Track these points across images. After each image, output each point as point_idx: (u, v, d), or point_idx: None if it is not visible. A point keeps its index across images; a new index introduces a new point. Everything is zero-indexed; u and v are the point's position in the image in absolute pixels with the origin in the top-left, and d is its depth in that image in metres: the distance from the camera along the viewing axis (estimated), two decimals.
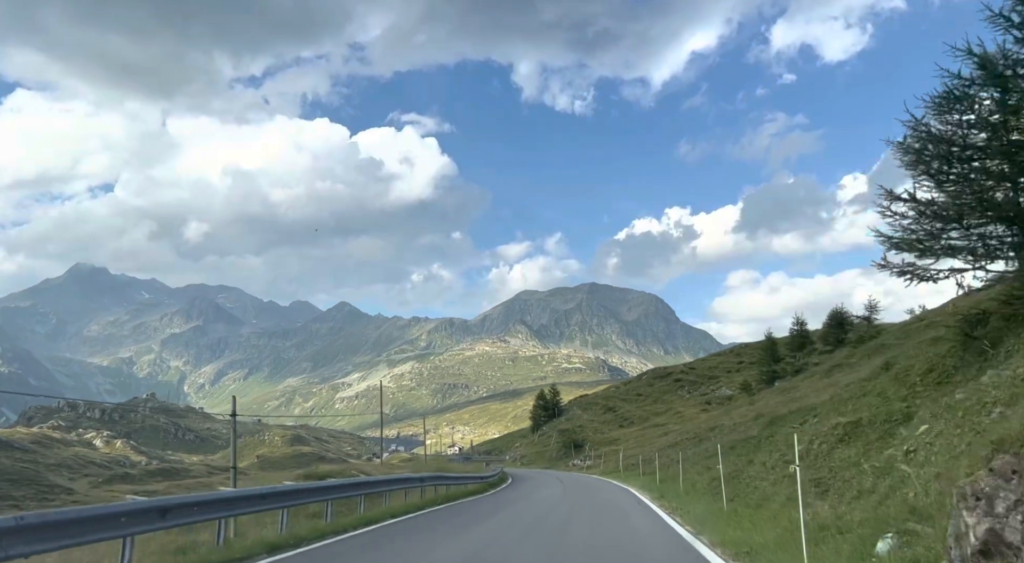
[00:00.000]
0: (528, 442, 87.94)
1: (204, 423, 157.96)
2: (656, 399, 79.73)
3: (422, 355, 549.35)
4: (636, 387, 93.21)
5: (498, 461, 79.82)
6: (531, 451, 77.46)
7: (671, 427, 55.75)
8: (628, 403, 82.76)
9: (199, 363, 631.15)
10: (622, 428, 70.71)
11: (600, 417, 79.12)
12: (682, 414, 64.89)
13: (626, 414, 77.14)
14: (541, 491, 26.74)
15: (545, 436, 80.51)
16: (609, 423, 75.15)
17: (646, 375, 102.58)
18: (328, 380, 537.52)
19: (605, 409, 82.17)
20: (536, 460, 70.15)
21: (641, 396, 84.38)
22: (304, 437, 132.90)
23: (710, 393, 71.65)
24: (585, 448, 62.17)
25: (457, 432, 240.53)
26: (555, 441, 72.01)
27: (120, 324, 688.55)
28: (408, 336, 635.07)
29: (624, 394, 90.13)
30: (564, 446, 66.71)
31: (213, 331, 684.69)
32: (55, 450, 66.96)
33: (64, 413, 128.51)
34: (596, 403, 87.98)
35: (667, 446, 38.63)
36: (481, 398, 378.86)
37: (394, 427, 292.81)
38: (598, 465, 50.66)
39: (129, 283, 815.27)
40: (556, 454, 67.43)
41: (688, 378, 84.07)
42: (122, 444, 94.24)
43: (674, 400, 75.71)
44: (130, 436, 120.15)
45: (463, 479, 28.37)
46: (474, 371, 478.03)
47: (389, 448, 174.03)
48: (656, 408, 75.02)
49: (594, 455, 56.18)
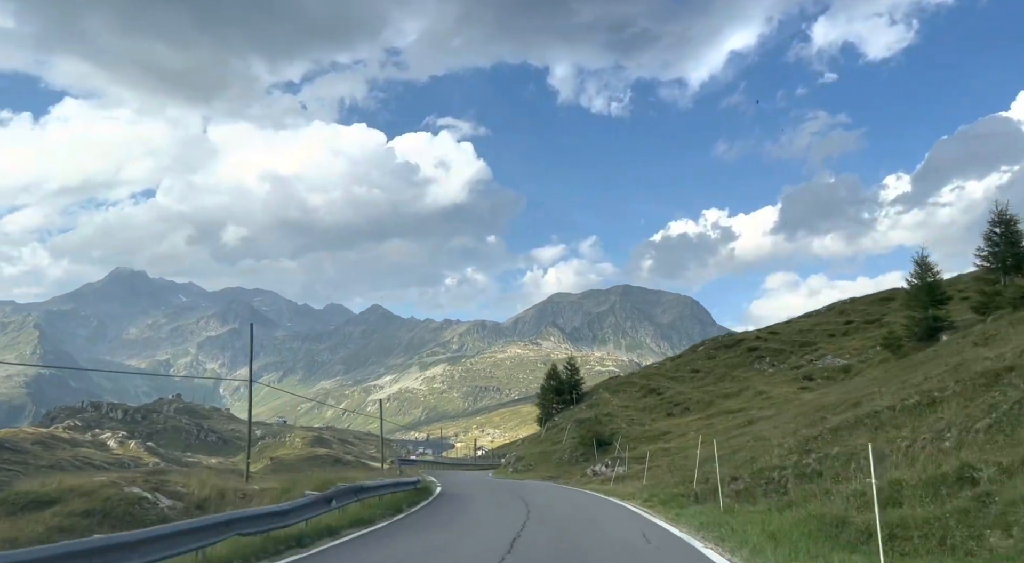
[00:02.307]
0: (533, 440, 67.75)
1: (228, 425, 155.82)
2: (722, 376, 58.02)
3: (454, 358, 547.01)
4: (690, 361, 68.98)
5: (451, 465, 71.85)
6: (534, 452, 56.50)
7: (756, 413, 38.71)
8: (679, 382, 60.85)
9: (235, 365, 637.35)
10: (672, 417, 50.14)
11: (638, 402, 58.04)
12: (769, 395, 45.45)
13: (677, 397, 55.28)
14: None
15: (557, 430, 59.47)
16: (652, 410, 54.26)
17: (704, 345, 74.48)
18: (361, 383, 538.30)
19: (646, 391, 60.76)
20: (539, 465, 49.87)
21: (698, 373, 61.97)
22: (327, 439, 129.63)
23: (807, 364, 52.05)
24: (615, 446, 42.35)
25: (487, 435, 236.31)
26: (569, 437, 51.72)
27: (158, 327, 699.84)
28: (440, 339, 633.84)
29: (673, 371, 66.85)
30: (583, 444, 46.57)
31: (248, 334, 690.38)
32: (57, 451, 63.85)
33: (87, 413, 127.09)
34: (632, 383, 66.12)
35: (755, 441, 24.37)
36: (512, 401, 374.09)
37: (424, 430, 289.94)
38: (635, 474, 31.12)
39: (167, 287, 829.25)
40: (570, 456, 47.47)
41: (768, 346, 61.49)
42: (136, 445, 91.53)
43: (751, 376, 54.69)
44: (151, 437, 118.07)
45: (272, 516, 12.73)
46: (506, 374, 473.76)
47: (417, 450, 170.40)
48: (724, 388, 53.71)
49: (628, 458, 37.16)
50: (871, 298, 69.69)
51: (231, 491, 22.87)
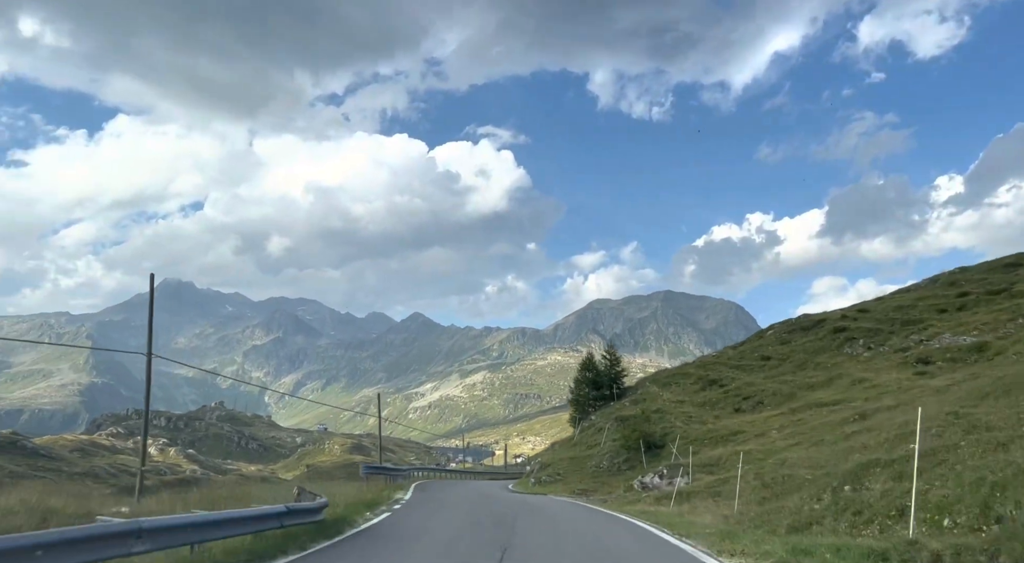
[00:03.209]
0: (564, 445, 58.55)
1: (269, 432, 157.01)
2: (802, 363, 47.79)
3: (494, 365, 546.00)
4: (757, 347, 57.99)
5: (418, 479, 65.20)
6: (564, 458, 47.29)
7: (865, 405, 29.61)
8: (746, 372, 50.21)
9: (279, 374, 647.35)
10: (741, 413, 40.84)
11: (695, 395, 48.26)
12: (874, 383, 36.20)
13: (746, 389, 45.22)
14: None
15: (593, 431, 49.49)
16: (714, 405, 44.63)
17: (773, 329, 62.74)
18: (402, 390, 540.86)
19: (704, 383, 50.66)
20: (570, 474, 41.10)
21: (769, 360, 51.30)
22: (365, 446, 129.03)
23: (917, 345, 42.13)
24: (669, 450, 34.04)
25: (528, 442, 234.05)
26: (609, 438, 42.65)
27: (205, 337, 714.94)
28: (480, 346, 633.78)
29: (736, 360, 55.69)
30: (626, 447, 37.75)
31: (292, 343, 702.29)
32: (94, 459, 64.00)
33: (131, 420, 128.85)
34: (687, 375, 55.49)
35: (892, 440, 17.29)
36: (553, 408, 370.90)
37: (465, 437, 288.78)
38: (707, 489, 23.30)
39: (214, 297, 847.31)
40: (610, 463, 38.97)
41: (860, 326, 50.67)
42: (175, 452, 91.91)
43: (841, 362, 44.91)
44: (193, 444, 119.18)
45: None
46: (546, 381, 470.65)
47: (457, 458, 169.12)
48: (807, 376, 43.74)
49: (691, 467, 27.55)
50: (988, 266, 60.93)
51: None
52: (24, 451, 51.88)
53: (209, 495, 17.96)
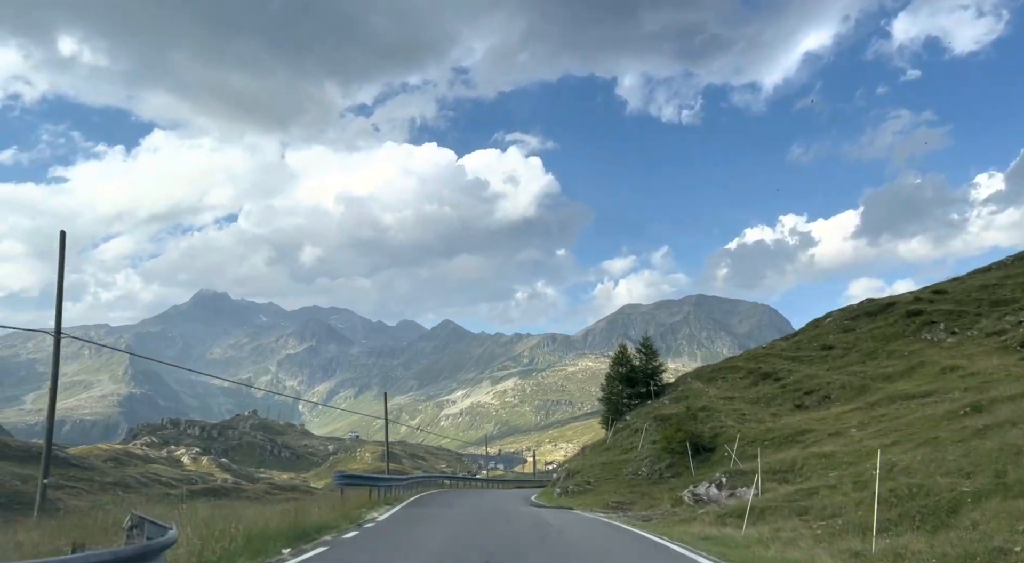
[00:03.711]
0: (596, 449, 52.06)
1: (302, 440, 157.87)
2: (872, 352, 41.77)
3: (525, 371, 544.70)
4: (814, 337, 51.46)
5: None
6: (595, 464, 40.49)
7: (968, 396, 25.43)
8: (805, 364, 44.35)
9: (313, 382, 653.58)
10: (804, 410, 35.19)
11: (746, 391, 42.55)
12: (969, 370, 31.38)
13: (807, 382, 39.19)
14: None
15: (629, 432, 43.63)
16: (771, 401, 38.84)
17: (831, 317, 55.69)
18: (433, 398, 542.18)
19: (756, 376, 44.80)
20: (602, 482, 35.05)
21: (832, 350, 45.14)
22: (396, 454, 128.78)
23: (1015, 328, 36.85)
24: (722, 454, 29.54)
25: (559, 449, 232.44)
26: (648, 440, 37.49)
27: (240, 346, 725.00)
28: (511, 353, 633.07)
29: (792, 351, 49.37)
30: (669, 450, 32.30)
31: (325, 351, 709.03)
32: (127, 468, 64.41)
33: (166, 430, 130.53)
34: (735, 368, 49.30)
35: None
36: (585, 414, 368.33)
37: (496, 444, 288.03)
38: (787, 504, 17.64)
39: (248, 307, 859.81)
40: (650, 469, 33.24)
41: (938, 308, 44.79)
42: (208, 461, 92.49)
43: (920, 348, 39.34)
44: (226, 453, 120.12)
45: None
46: (577, 387, 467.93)
47: (488, 465, 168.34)
48: (882, 366, 38.00)
49: (760, 475, 20.66)
50: None
51: None
52: (57, 461, 52.17)
53: None
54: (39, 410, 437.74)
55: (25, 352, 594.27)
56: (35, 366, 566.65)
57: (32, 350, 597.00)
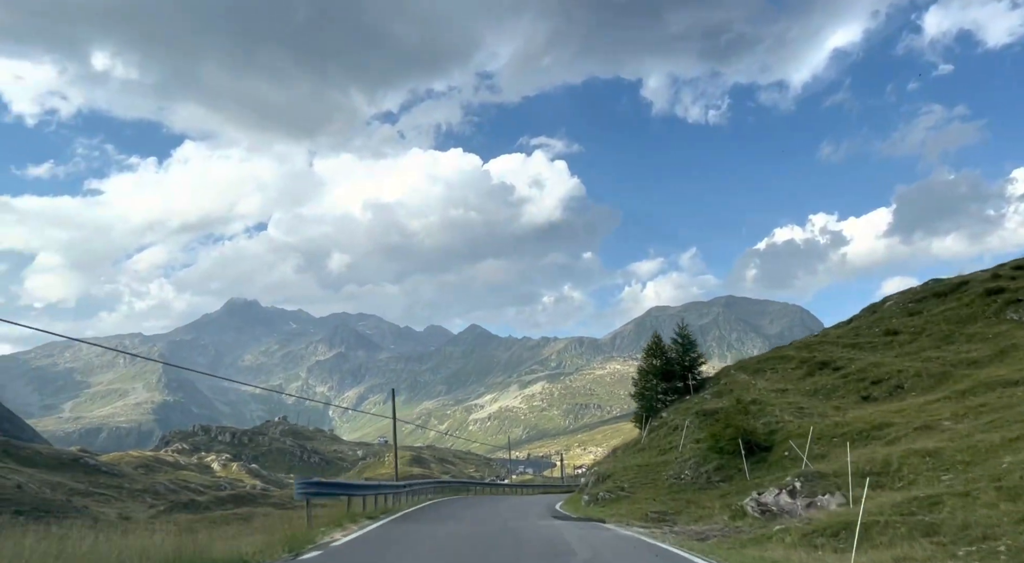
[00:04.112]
0: (630, 449, 45.21)
1: (331, 445, 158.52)
2: (947, 336, 37.83)
3: (553, 375, 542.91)
4: (875, 322, 46.80)
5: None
6: (630, 466, 34.80)
7: None
8: (867, 351, 39.58)
9: (342, 388, 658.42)
10: (872, 401, 31.22)
11: (801, 382, 37.90)
12: None
13: (872, 371, 34.68)
14: None
15: (667, 430, 38.93)
16: (831, 393, 34.46)
17: (892, 300, 51.04)
18: (462, 402, 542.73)
19: (811, 366, 39.85)
20: (639, 488, 29.84)
21: (897, 336, 40.41)
22: (425, 458, 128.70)
23: None
24: (782, 455, 25.67)
25: (589, 453, 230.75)
26: (690, 439, 33.37)
27: (270, 353, 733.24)
28: (538, 356, 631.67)
29: (850, 337, 44.70)
30: (717, 450, 28.01)
31: (354, 357, 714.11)
32: (157, 475, 64.82)
33: (197, 436, 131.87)
34: (786, 358, 44.35)
35: None
36: (614, 417, 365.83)
37: (525, 448, 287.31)
38: (897, 520, 12.62)
39: (278, 315, 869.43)
40: (695, 473, 28.49)
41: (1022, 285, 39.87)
42: (238, 467, 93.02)
43: (1010, 330, 35.08)
44: (256, 459, 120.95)
45: None
46: (606, 390, 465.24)
47: (517, 469, 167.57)
48: (963, 351, 34.15)
49: (851, 479, 15.86)
50: None
51: None
52: (87, 468, 52.69)
53: None
54: (77, 418, 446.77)
55: (63, 362, 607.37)
56: (72, 375, 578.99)
57: (69, 359, 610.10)
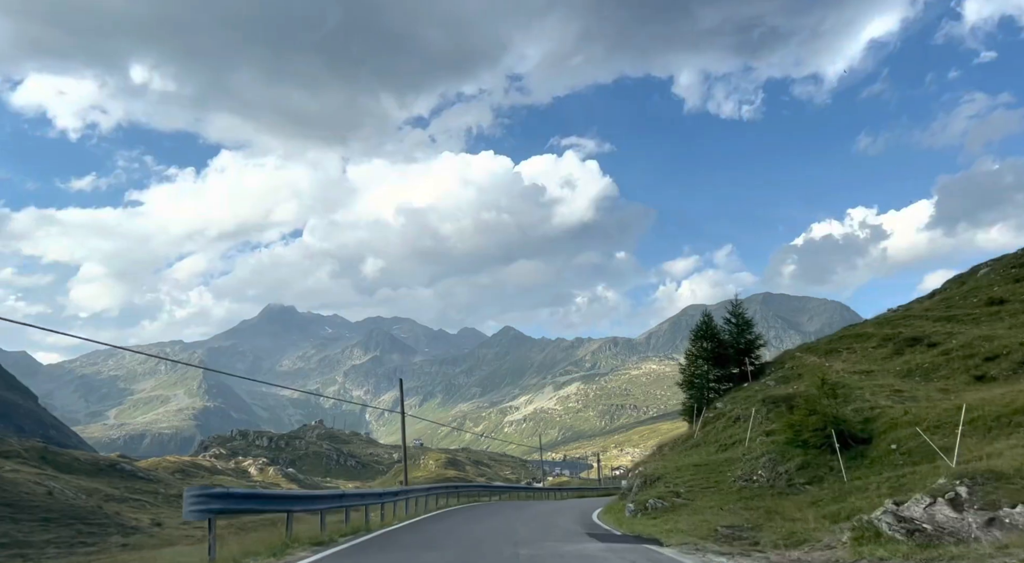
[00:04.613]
0: (678, 445, 37.72)
1: (367, 449, 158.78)
2: None
3: (588, 376, 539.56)
4: (970, 291, 41.84)
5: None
6: (684, 466, 27.29)
7: None
8: (970, 324, 33.72)
9: (378, 391, 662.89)
10: (990, 382, 24.73)
11: (888, 362, 31.96)
12: None
13: (983, 345, 28.42)
14: None
15: (725, 422, 32.71)
16: (928, 373, 28.61)
17: (990, 265, 46.25)
18: (496, 404, 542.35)
19: (898, 343, 33.87)
20: (699, 493, 22.55)
21: (1003, 305, 35.47)
22: (460, 461, 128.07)
23: None
24: (885, 447, 19.37)
25: (626, 454, 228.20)
26: (758, 431, 27.43)
27: (307, 358, 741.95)
28: (573, 357, 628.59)
29: (941, 310, 39.61)
30: (799, 444, 21.55)
31: (389, 361, 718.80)
32: (192, 480, 64.98)
33: (235, 441, 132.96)
34: (862, 336, 38.54)
35: None
36: (651, 418, 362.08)
37: (561, 450, 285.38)
38: None
39: (314, 320, 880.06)
40: (771, 473, 21.77)
41: None
42: (275, 471, 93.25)
43: None
44: (293, 463, 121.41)
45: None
46: (642, 391, 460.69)
47: (553, 471, 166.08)
48: None
49: (1012, 475, 10.79)
50: None
51: None
52: (124, 474, 52.83)
53: None
54: (121, 425, 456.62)
55: (107, 369, 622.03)
56: (116, 383, 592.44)
57: (113, 367, 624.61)
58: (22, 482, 34.92)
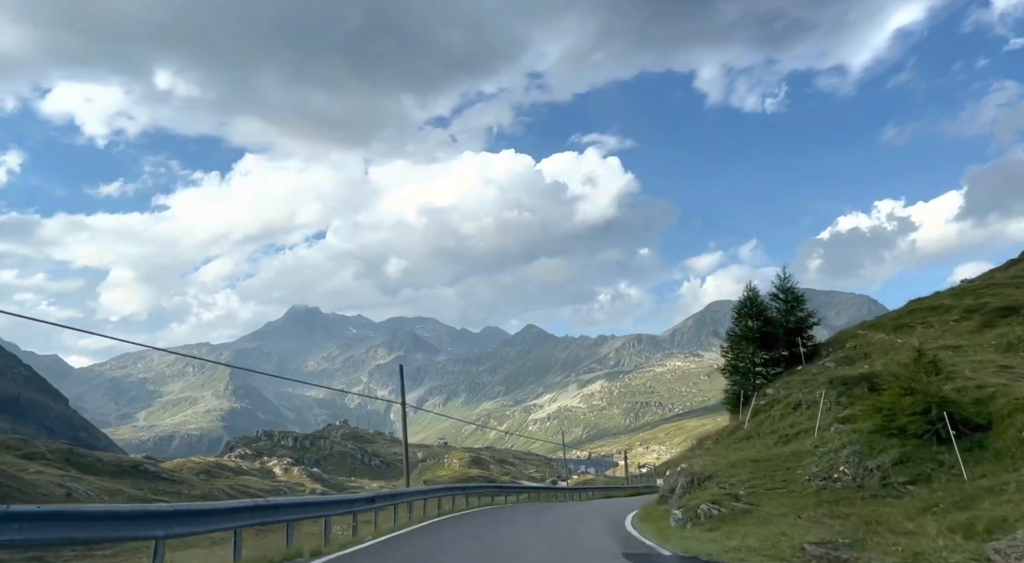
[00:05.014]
0: (726, 438, 31.93)
1: (391, 448, 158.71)
2: None
3: (612, 374, 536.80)
4: None
5: None
6: (736, 461, 21.81)
7: None
8: None
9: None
10: None
11: (977, 335, 29.01)
12: None
13: None
14: None
15: (779, 410, 28.43)
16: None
17: None
18: (520, 403, 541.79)
19: (987, 314, 30.72)
20: (763, 499, 17.16)
21: None
22: (484, 460, 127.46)
23: None
24: (1012, 435, 14.37)
25: (651, 452, 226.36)
26: (831, 419, 22.66)
27: (332, 359, 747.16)
28: (596, 355, 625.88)
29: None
30: (894, 432, 16.86)
31: (413, 360, 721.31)
32: (216, 481, 64.95)
33: (261, 442, 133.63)
34: (941, 308, 34.89)
35: None
36: (677, 415, 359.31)
37: (586, 448, 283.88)
38: None
39: (339, 321, 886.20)
40: (859, 470, 16.67)
41: None
42: (299, 471, 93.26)
43: None
44: (318, 463, 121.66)
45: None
46: (667, 388, 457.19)
47: (578, 469, 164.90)
48: None
49: None
50: None
51: None
52: (148, 475, 52.74)
53: None
54: (151, 426, 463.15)
55: (136, 372, 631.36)
56: (145, 385, 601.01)
57: (142, 370, 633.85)
58: (42, 484, 34.75)
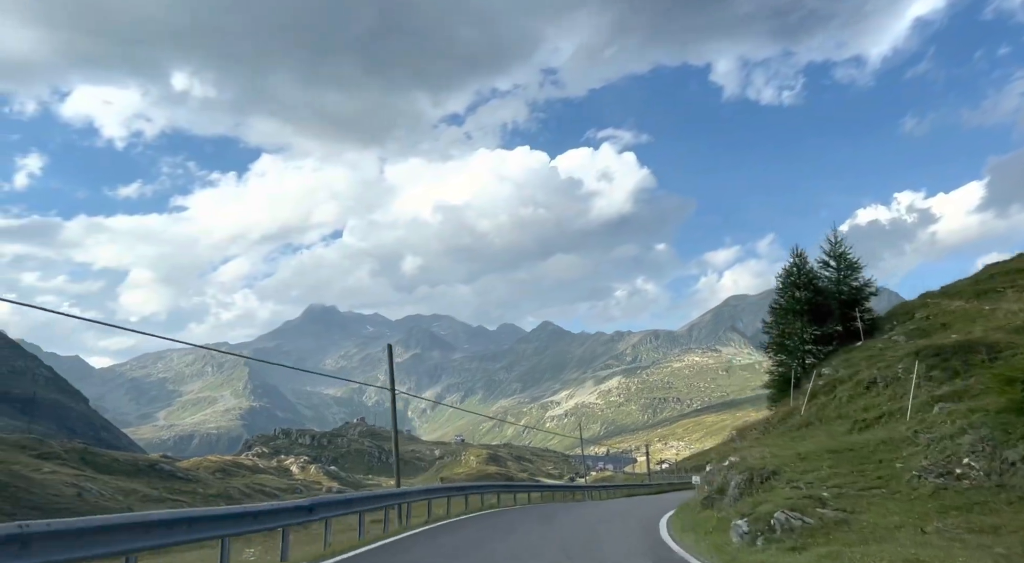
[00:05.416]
0: (777, 426, 26.88)
1: (409, 446, 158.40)
2: None
3: (629, 369, 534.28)
4: None
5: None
6: (805, 455, 15.88)
7: None
8: None
9: (419, 389, 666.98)
10: None
11: None
12: None
13: None
14: None
15: (846, 391, 23.00)
16: None
17: None
18: (537, 399, 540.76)
19: None
20: (862, 507, 11.96)
21: None
22: (501, 457, 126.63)
23: None
24: None
25: (670, 448, 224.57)
26: (925, 399, 17.13)
27: (349, 357, 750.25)
28: (613, 351, 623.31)
29: None
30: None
31: (429, 358, 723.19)
32: (232, 479, 64.54)
33: (278, 440, 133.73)
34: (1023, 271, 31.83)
35: None
36: (695, 411, 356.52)
37: (604, 444, 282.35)
38: None
39: (356, 319, 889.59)
40: (991, 466, 11.59)
41: None
42: (316, 469, 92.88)
43: None
44: (336, 461, 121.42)
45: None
46: (685, 383, 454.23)
47: (597, 466, 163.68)
48: None
49: None
50: None
51: None
52: (163, 474, 52.40)
53: None
54: (171, 426, 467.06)
55: (156, 372, 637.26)
56: (165, 385, 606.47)
57: (162, 370, 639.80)
58: (53, 484, 34.27)
